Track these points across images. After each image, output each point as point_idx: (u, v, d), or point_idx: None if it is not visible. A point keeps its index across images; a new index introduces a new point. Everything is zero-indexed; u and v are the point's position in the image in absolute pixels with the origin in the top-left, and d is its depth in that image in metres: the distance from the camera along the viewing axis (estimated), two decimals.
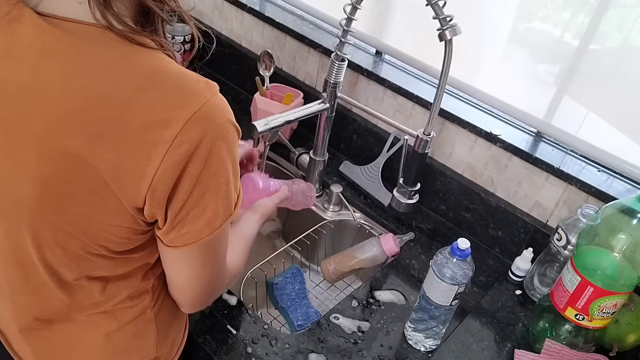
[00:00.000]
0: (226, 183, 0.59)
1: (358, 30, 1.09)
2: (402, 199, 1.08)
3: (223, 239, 0.66)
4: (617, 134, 0.99)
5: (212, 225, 0.60)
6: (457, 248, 0.79)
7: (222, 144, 0.57)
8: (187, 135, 0.54)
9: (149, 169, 0.54)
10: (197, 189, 0.57)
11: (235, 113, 0.61)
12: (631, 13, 0.92)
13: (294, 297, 1.06)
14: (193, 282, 0.67)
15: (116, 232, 0.61)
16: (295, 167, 1.26)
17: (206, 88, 0.56)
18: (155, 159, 0.54)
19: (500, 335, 0.94)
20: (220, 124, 0.56)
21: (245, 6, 1.40)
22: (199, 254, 0.64)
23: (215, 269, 0.68)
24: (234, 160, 0.60)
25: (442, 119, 1.12)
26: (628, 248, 0.79)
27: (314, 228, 1.14)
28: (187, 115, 0.54)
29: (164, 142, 0.53)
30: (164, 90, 0.54)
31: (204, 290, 0.69)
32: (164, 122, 0.53)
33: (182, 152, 0.54)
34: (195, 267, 0.65)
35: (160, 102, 0.54)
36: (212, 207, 0.59)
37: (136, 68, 0.55)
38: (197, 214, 0.59)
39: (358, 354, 0.87)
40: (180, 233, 0.60)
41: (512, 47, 1.09)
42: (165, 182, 0.55)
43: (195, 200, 0.58)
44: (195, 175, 0.56)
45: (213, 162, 0.57)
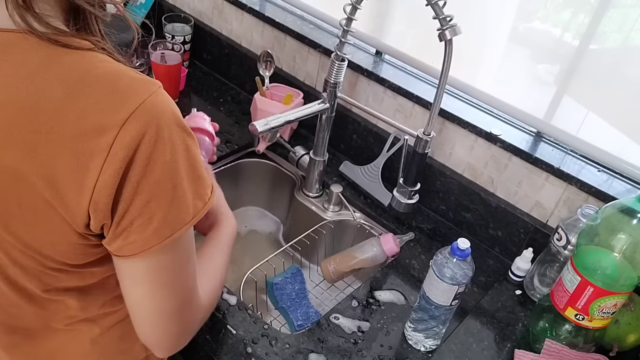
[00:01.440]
0: (174, 189, 0.54)
1: (358, 30, 1.09)
2: (402, 199, 1.08)
3: (182, 253, 0.59)
4: (617, 134, 0.99)
5: (161, 234, 0.54)
6: (457, 248, 0.79)
7: (167, 148, 0.52)
8: (123, 142, 0.49)
9: (87, 182, 0.50)
10: (139, 197, 0.52)
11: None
12: (631, 13, 0.92)
13: (294, 297, 1.06)
14: (157, 309, 0.60)
15: (68, 250, 0.57)
16: (296, 167, 1.26)
17: (142, 87, 0.51)
18: (93, 169, 0.50)
19: (500, 335, 0.94)
20: (160, 125, 0.51)
21: (245, 6, 1.40)
22: (154, 268, 0.57)
23: (182, 295, 0.61)
24: (188, 163, 0.55)
25: (442, 119, 1.12)
26: (628, 248, 0.79)
27: (314, 228, 1.14)
28: (122, 120, 0.49)
29: (100, 151, 0.49)
30: (95, 94, 0.50)
31: (172, 325, 0.61)
32: (98, 129, 0.49)
33: (120, 159, 0.50)
34: (154, 287, 0.58)
35: (92, 107, 0.49)
36: (159, 215, 0.54)
37: (63, 73, 0.50)
38: (143, 224, 0.54)
39: (358, 354, 0.87)
40: (127, 242, 0.55)
41: (512, 47, 1.09)
42: (106, 193, 0.51)
43: (138, 209, 0.53)
44: (136, 182, 0.51)
45: (155, 168, 0.52)
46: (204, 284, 0.68)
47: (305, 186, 1.23)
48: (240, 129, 1.33)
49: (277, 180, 1.33)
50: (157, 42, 1.33)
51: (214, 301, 0.72)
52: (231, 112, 1.39)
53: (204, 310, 0.67)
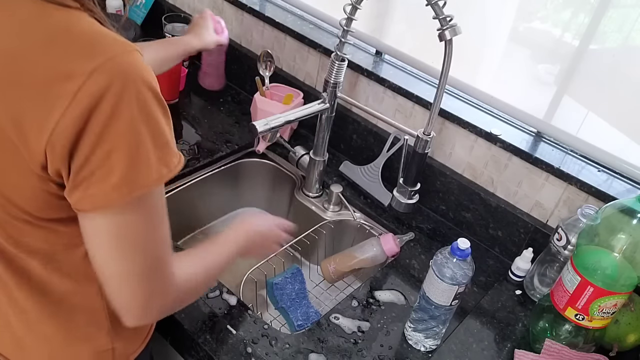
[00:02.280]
0: (137, 147, 0.54)
1: (358, 30, 1.09)
2: (402, 199, 1.08)
3: (147, 216, 0.59)
4: (617, 134, 0.99)
5: (122, 192, 0.54)
6: (457, 248, 0.79)
7: (133, 103, 0.53)
8: (89, 89, 0.51)
9: (48, 123, 0.52)
10: (100, 147, 0.53)
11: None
12: (631, 13, 0.92)
13: (294, 297, 1.06)
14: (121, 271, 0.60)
15: (30, 194, 0.58)
16: (296, 167, 1.26)
17: (119, 45, 0.53)
18: (55, 112, 0.51)
19: (500, 335, 0.94)
20: (130, 80, 0.53)
21: (245, 6, 1.40)
22: (116, 227, 0.57)
23: (149, 260, 0.60)
24: (154, 127, 0.55)
25: (442, 119, 1.12)
26: (628, 248, 0.79)
27: (314, 228, 1.14)
28: (91, 68, 0.51)
29: (65, 95, 0.51)
30: (72, 46, 0.52)
31: (140, 289, 0.61)
32: (66, 75, 0.51)
33: (84, 106, 0.51)
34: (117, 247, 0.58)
35: (67, 56, 0.52)
36: (120, 169, 0.54)
37: (48, 26, 0.53)
38: (102, 176, 0.54)
39: (358, 354, 0.87)
40: (86, 194, 0.55)
41: (512, 47, 1.09)
42: (65, 136, 0.52)
43: (99, 160, 0.53)
44: (98, 132, 0.52)
45: (120, 121, 0.52)
46: (188, 267, 0.68)
47: (305, 186, 1.23)
48: (240, 129, 1.33)
49: (277, 180, 1.33)
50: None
51: (195, 290, 0.71)
52: (231, 112, 1.39)
53: (179, 290, 0.66)
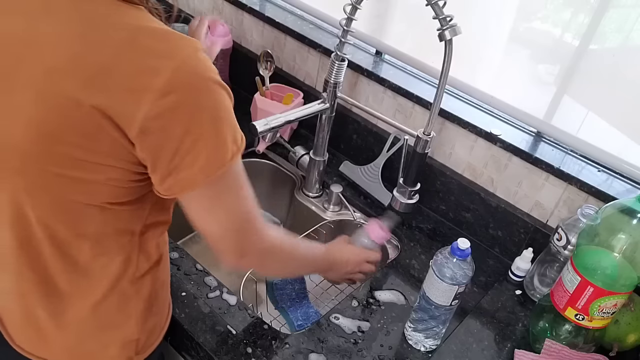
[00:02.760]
0: (218, 132, 0.61)
1: (358, 30, 1.09)
2: (402, 199, 1.08)
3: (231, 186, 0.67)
4: (617, 134, 0.99)
5: (207, 173, 0.62)
6: (457, 248, 0.79)
7: (210, 96, 0.60)
8: (174, 85, 0.57)
9: (138, 113, 0.57)
10: (188, 137, 0.59)
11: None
12: (631, 13, 0.92)
13: (294, 297, 1.06)
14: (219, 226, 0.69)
15: (109, 174, 0.62)
16: (296, 167, 1.26)
17: (190, 44, 0.60)
18: (144, 104, 0.56)
19: (500, 335, 0.94)
20: (206, 77, 0.60)
21: (245, 6, 1.40)
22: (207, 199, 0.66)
23: (239, 217, 0.70)
24: (227, 112, 0.62)
25: (442, 119, 1.12)
26: (628, 248, 0.79)
27: (314, 228, 1.14)
28: (174, 66, 0.57)
29: (153, 89, 0.56)
30: (152, 41, 0.58)
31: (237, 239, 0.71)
32: (153, 70, 0.56)
33: (170, 100, 0.57)
34: (212, 210, 0.67)
35: (150, 51, 0.57)
36: (204, 154, 0.61)
37: (124, 22, 0.59)
38: (191, 160, 0.61)
39: (358, 354, 0.87)
40: (177, 179, 0.62)
41: (512, 47, 1.09)
42: (155, 128, 0.58)
43: (187, 147, 0.60)
44: (185, 123, 0.59)
45: (204, 112, 0.60)
46: (280, 232, 0.78)
47: (305, 186, 1.23)
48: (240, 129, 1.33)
49: (277, 180, 1.33)
50: None
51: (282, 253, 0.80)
52: None
53: (268, 246, 0.75)
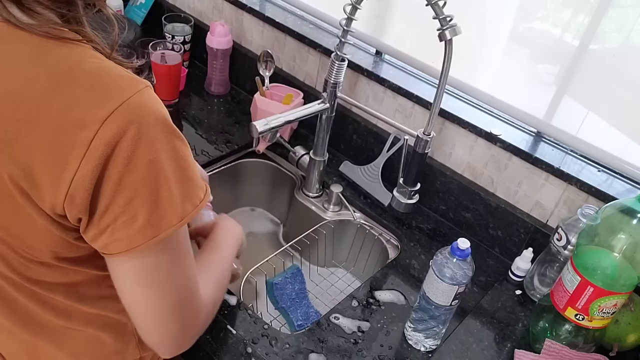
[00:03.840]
0: (159, 189, 0.53)
1: (358, 30, 1.09)
2: (402, 199, 1.08)
3: (174, 253, 0.58)
4: (617, 134, 0.99)
5: (146, 234, 0.54)
6: (457, 248, 0.79)
7: (150, 146, 0.51)
8: (103, 138, 0.49)
9: (65, 175, 0.50)
10: (122, 194, 0.52)
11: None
12: (631, 13, 0.92)
13: (294, 297, 1.06)
14: (153, 308, 0.59)
15: (49, 241, 0.56)
16: (296, 167, 1.26)
17: (129, 85, 0.51)
18: (71, 163, 0.50)
19: (500, 335, 0.94)
20: (144, 123, 0.51)
21: (245, 6, 1.40)
22: (144, 268, 0.56)
23: (178, 294, 0.60)
24: (176, 163, 0.54)
25: (442, 119, 1.12)
26: (628, 248, 0.79)
27: (314, 228, 1.14)
28: (104, 116, 0.49)
29: (80, 145, 0.49)
30: (80, 88, 0.50)
31: (173, 323, 0.60)
32: (79, 124, 0.49)
33: (99, 155, 0.50)
34: (147, 286, 0.57)
35: (76, 101, 0.50)
36: (143, 214, 0.53)
37: (51, 65, 0.51)
38: (127, 221, 0.53)
39: (358, 354, 0.87)
40: (112, 239, 0.54)
41: (512, 47, 1.09)
42: (84, 187, 0.51)
43: (122, 207, 0.52)
44: (117, 179, 0.51)
45: (138, 166, 0.51)
46: (206, 282, 0.67)
47: (305, 186, 1.23)
48: (240, 129, 1.33)
49: (277, 180, 1.33)
50: (157, 42, 1.33)
51: (218, 297, 0.71)
52: (231, 112, 1.39)
53: (207, 308, 0.66)
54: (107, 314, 0.69)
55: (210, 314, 0.68)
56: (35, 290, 0.64)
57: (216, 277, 0.72)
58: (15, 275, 0.62)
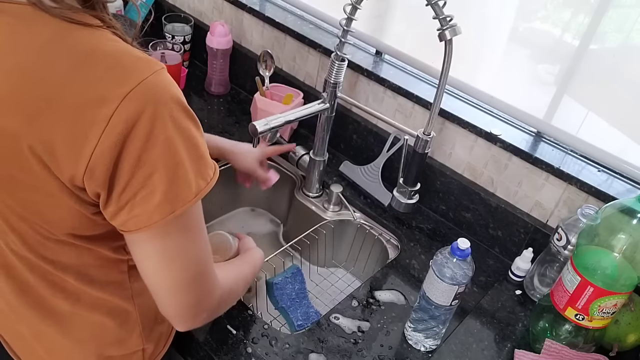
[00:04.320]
0: (176, 165, 0.55)
1: (358, 30, 1.09)
2: (402, 199, 1.08)
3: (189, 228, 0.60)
4: (617, 134, 0.99)
5: (164, 210, 0.56)
6: (457, 248, 0.79)
7: (167, 124, 0.54)
8: (123, 115, 0.51)
9: (85, 150, 0.52)
10: (141, 170, 0.54)
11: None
12: (631, 13, 0.92)
13: (294, 297, 1.06)
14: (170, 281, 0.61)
15: (66, 214, 0.59)
16: (296, 167, 1.26)
17: (146, 66, 0.54)
18: (91, 138, 0.52)
19: (500, 335, 0.94)
20: (162, 102, 0.53)
21: (245, 6, 1.40)
22: (162, 243, 0.59)
23: (195, 267, 0.62)
24: (189, 142, 0.56)
25: (442, 119, 1.12)
26: (628, 248, 0.79)
27: (314, 228, 1.14)
28: (123, 93, 0.51)
29: (99, 121, 0.51)
30: (100, 68, 0.52)
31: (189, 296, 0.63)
32: (99, 100, 0.51)
33: (119, 131, 0.52)
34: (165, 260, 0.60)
35: (96, 80, 0.52)
36: (161, 189, 0.55)
37: (72, 47, 0.53)
38: (146, 196, 0.55)
39: (358, 354, 0.87)
40: (131, 215, 0.56)
41: (512, 47, 1.09)
42: (103, 162, 0.53)
43: (141, 182, 0.54)
44: (137, 156, 0.53)
45: (157, 143, 0.53)
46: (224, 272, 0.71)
47: (305, 186, 1.23)
48: (240, 129, 1.33)
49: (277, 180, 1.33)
50: (157, 42, 1.33)
51: (232, 293, 0.74)
52: (231, 112, 1.39)
53: (222, 291, 0.68)
54: (114, 299, 0.71)
55: (226, 297, 0.71)
56: (48, 270, 0.65)
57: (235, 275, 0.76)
58: (31, 254, 0.64)
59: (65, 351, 0.73)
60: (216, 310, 0.70)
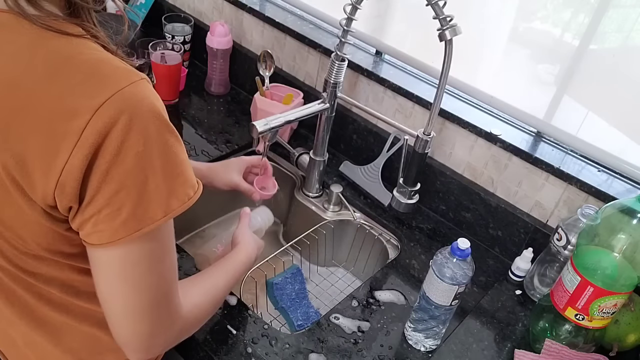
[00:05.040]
0: (146, 182, 0.52)
1: (358, 30, 1.09)
2: (402, 199, 1.08)
3: (155, 250, 0.57)
4: (617, 134, 0.99)
5: (129, 227, 0.53)
6: (457, 248, 0.79)
7: (139, 138, 0.51)
8: (95, 127, 0.49)
9: (57, 163, 0.50)
10: (107, 186, 0.51)
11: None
12: (631, 13, 0.92)
13: (294, 297, 1.06)
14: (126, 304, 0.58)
15: (38, 231, 0.56)
16: (295, 167, 1.26)
17: (124, 76, 0.51)
18: (63, 152, 0.49)
19: (500, 335, 0.94)
20: (137, 114, 0.50)
21: (245, 6, 1.40)
22: (123, 261, 0.56)
23: (154, 293, 0.58)
24: (164, 158, 0.53)
25: (442, 119, 1.12)
26: (628, 248, 0.79)
27: (314, 228, 1.14)
28: (96, 105, 0.49)
29: (72, 134, 0.49)
30: (75, 78, 0.50)
31: (143, 324, 0.59)
32: (72, 112, 0.49)
33: (90, 144, 0.49)
34: (123, 281, 0.57)
35: (70, 90, 0.49)
36: (128, 207, 0.52)
37: (48, 55, 0.51)
38: (111, 213, 0.52)
39: (358, 354, 0.87)
40: (95, 229, 0.54)
41: (512, 47, 1.09)
42: (73, 177, 0.50)
43: (107, 198, 0.52)
44: (105, 170, 0.50)
45: (127, 158, 0.50)
46: (193, 296, 0.67)
47: (305, 186, 1.23)
48: (240, 129, 1.33)
49: (277, 180, 1.32)
50: (157, 42, 1.33)
51: (200, 318, 0.70)
52: (231, 112, 1.39)
53: (184, 321, 0.64)
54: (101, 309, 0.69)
55: (187, 326, 0.67)
56: (31, 283, 0.64)
57: (207, 296, 0.71)
58: (12, 267, 0.62)
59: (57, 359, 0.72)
60: (176, 340, 0.66)
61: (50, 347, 0.70)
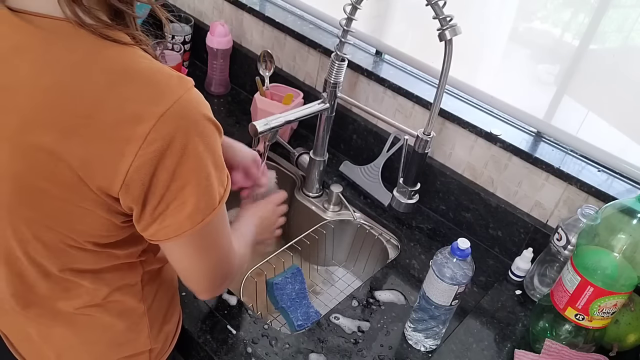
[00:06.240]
0: (206, 178, 0.59)
1: (358, 30, 1.09)
2: (402, 199, 1.08)
3: (214, 230, 0.65)
4: (617, 134, 0.99)
5: (194, 219, 0.60)
6: (457, 248, 0.79)
7: (198, 140, 0.57)
8: (160, 132, 0.54)
9: (121, 166, 0.54)
10: (175, 183, 0.57)
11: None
12: (631, 13, 0.92)
13: (294, 297, 1.06)
14: (198, 271, 0.67)
15: (96, 224, 0.61)
16: (295, 167, 1.26)
17: (179, 84, 0.56)
18: (128, 155, 0.54)
19: (500, 335, 0.94)
20: (194, 119, 0.56)
21: (245, 6, 1.40)
22: (191, 245, 0.63)
23: (219, 255, 0.68)
24: (215, 155, 0.60)
25: (442, 119, 1.12)
26: (628, 248, 0.79)
27: (314, 228, 1.14)
28: (160, 112, 0.54)
29: (136, 138, 0.53)
30: (135, 86, 0.54)
31: (214, 275, 0.69)
32: (136, 118, 0.53)
33: (155, 148, 0.54)
34: (194, 257, 0.65)
35: (132, 98, 0.54)
36: (192, 201, 0.58)
37: (107, 64, 0.55)
38: (177, 207, 0.58)
39: (358, 354, 0.87)
40: (162, 226, 0.60)
41: (512, 47, 1.09)
42: (139, 178, 0.55)
43: (174, 194, 0.57)
44: (171, 171, 0.56)
45: (190, 158, 0.56)
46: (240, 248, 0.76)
47: (305, 186, 1.23)
48: (240, 129, 1.33)
49: (277, 180, 1.33)
50: (157, 42, 1.33)
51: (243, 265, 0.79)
52: (231, 112, 1.39)
53: (237, 268, 0.74)
54: (126, 301, 0.72)
55: (238, 272, 0.75)
56: (63, 278, 0.67)
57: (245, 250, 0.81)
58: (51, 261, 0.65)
59: (74, 352, 0.74)
60: (231, 282, 0.75)
61: (70, 337, 0.72)
